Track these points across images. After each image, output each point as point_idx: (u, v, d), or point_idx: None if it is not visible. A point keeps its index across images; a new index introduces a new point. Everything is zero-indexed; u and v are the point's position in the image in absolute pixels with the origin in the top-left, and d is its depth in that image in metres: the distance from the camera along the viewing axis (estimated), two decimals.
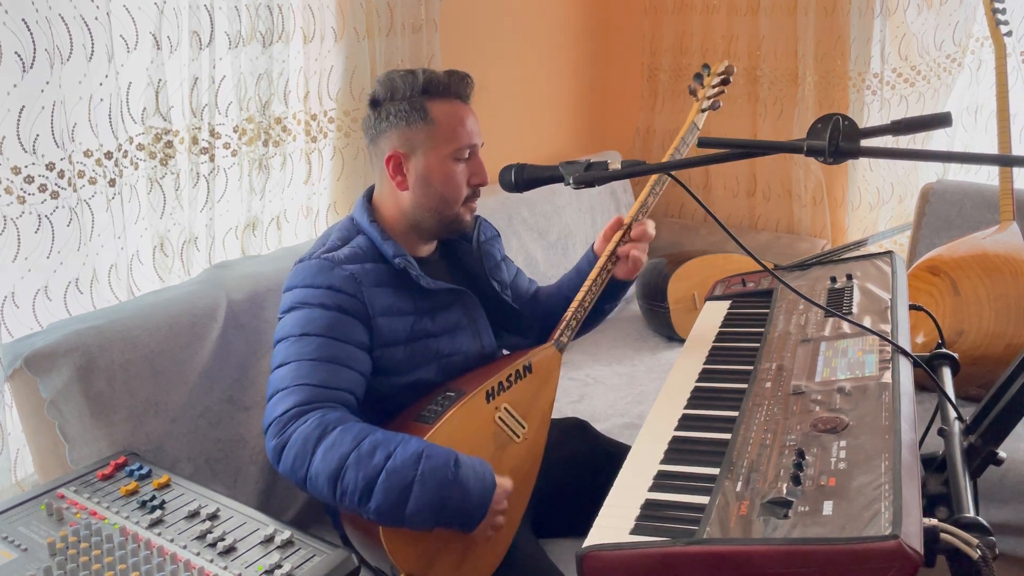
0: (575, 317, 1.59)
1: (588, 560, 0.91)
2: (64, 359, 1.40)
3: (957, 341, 2.06)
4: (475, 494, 1.26)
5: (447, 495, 1.23)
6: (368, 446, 1.25)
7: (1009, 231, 2.29)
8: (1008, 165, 1.75)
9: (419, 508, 1.22)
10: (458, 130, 1.46)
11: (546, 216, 2.67)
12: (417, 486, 1.22)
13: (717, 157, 1.15)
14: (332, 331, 1.38)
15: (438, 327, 1.50)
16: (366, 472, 1.23)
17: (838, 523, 0.86)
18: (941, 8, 2.71)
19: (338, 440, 1.26)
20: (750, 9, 2.97)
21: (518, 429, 1.45)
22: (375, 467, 1.23)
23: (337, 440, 1.26)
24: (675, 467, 1.09)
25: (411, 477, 1.22)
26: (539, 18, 2.91)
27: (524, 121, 2.94)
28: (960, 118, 2.81)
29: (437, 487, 1.23)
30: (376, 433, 1.28)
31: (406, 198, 1.49)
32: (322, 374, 1.34)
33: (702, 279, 2.60)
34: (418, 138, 1.45)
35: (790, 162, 3.02)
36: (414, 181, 1.47)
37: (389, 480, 1.22)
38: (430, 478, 1.23)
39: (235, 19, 1.81)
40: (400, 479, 1.22)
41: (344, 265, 1.42)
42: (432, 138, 1.45)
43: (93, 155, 1.59)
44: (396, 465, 1.23)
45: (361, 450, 1.25)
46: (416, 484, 1.22)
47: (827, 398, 1.14)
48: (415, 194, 1.48)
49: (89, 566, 1.12)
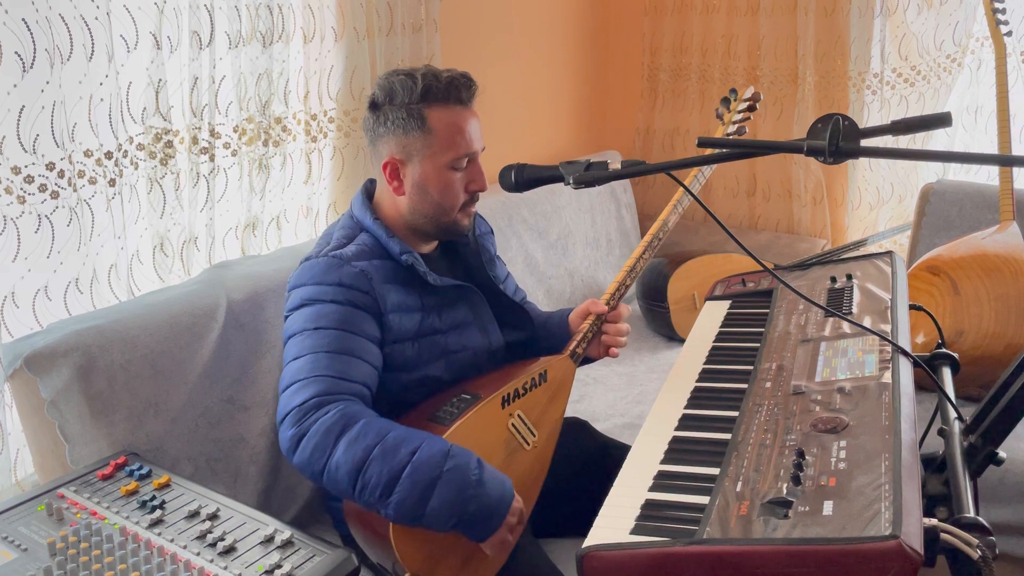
0: (591, 329, 1.60)
1: (588, 560, 0.91)
2: (64, 359, 1.40)
3: (957, 341, 2.06)
4: (495, 500, 1.26)
5: (470, 495, 1.24)
6: (393, 441, 1.25)
7: (1009, 231, 2.29)
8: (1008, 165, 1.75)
9: (440, 506, 1.22)
10: (456, 139, 1.45)
11: (546, 216, 2.67)
12: (441, 484, 1.22)
13: (717, 157, 1.16)
14: (346, 324, 1.38)
15: (445, 323, 1.51)
16: (391, 466, 1.23)
17: (838, 523, 0.86)
18: (941, 8, 2.71)
19: (361, 433, 1.26)
20: (750, 9, 2.97)
21: (529, 437, 1.45)
22: (400, 462, 1.23)
23: (360, 433, 1.26)
24: (675, 467, 1.09)
25: (436, 474, 1.23)
26: (539, 18, 2.91)
27: (524, 121, 2.94)
28: (960, 118, 2.81)
29: (460, 486, 1.23)
30: (399, 429, 1.28)
31: (403, 203, 1.49)
32: (339, 366, 1.34)
33: (702, 279, 2.60)
34: (415, 146, 1.45)
35: (790, 162, 3.02)
36: (410, 188, 1.47)
37: (414, 476, 1.22)
38: (455, 476, 1.23)
39: (235, 19, 1.81)
40: (425, 475, 1.23)
41: (353, 262, 1.42)
42: (429, 147, 1.45)
43: (93, 155, 1.59)
44: (422, 461, 1.23)
45: (386, 444, 1.25)
46: (440, 481, 1.23)
47: (827, 398, 1.14)
48: (411, 200, 1.48)
49: (89, 566, 1.12)
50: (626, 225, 3.06)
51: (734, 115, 1.87)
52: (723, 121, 1.89)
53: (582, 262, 2.81)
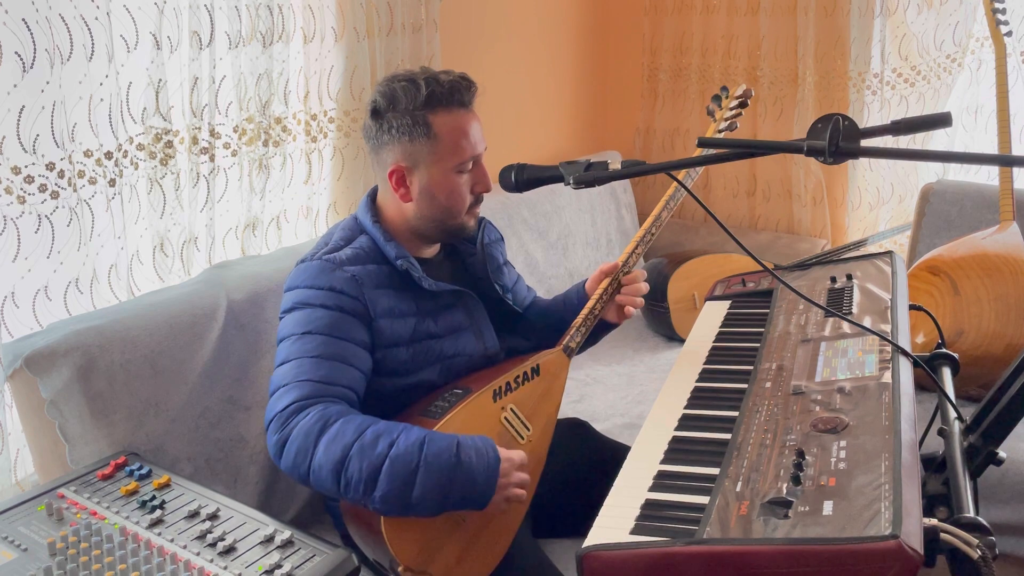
0: (584, 324, 1.59)
1: (588, 560, 0.91)
2: (64, 359, 1.40)
3: (957, 341, 2.06)
4: (480, 473, 1.27)
5: (452, 477, 1.24)
6: (371, 436, 1.26)
7: (1009, 231, 2.29)
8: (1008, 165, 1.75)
9: (424, 493, 1.23)
10: (461, 143, 1.45)
11: (546, 216, 2.67)
12: (421, 471, 1.23)
13: (717, 157, 1.16)
14: (334, 329, 1.38)
15: (440, 328, 1.51)
16: (370, 461, 1.24)
17: (838, 523, 0.86)
18: (941, 8, 2.71)
19: (340, 432, 1.26)
20: (750, 9, 2.97)
21: (523, 431, 1.45)
22: (379, 455, 1.24)
23: (339, 432, 1.26)
24: (675, 467, 1.09)
25: (415, 463, 1.23)
26: (539, 18, 2.91)
27: (524, 121, 2.94)
28: (960, 118, 2.81)
29: (441, 471, 1.24)
30: (378, 424, 1.29)
31: (410, 209, 1.49)
32: (324, 371, 1.34)
33: (702, 279, 2.60)
34: (421, 153, 1.44)
35: (790, 162, 3.02)
36: (418, 194, 1.47)
37: (393, 467, 1.23)
38: (433, 462, 1.24)
39: (235, 19, 1.81)
40: (404, 465, 1.23)
41: (346, 267, 1.42)
42: (435, 152, 1.44)
43: (93, 155, 1.59)
44: (399, 452, 1.24)
45: (364, 440, 1.25)
46: (420, 469, 1.23)
47: (827, 398, 1.14)
48: (419, 206, 1.48)
49: (89, 566, 1.12)
50: (626, 225, 3.06)
51: (725, 112, 1.86)
52: (714, 118, 1.88)
53: (582, 262, 2.81)
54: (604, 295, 1.61)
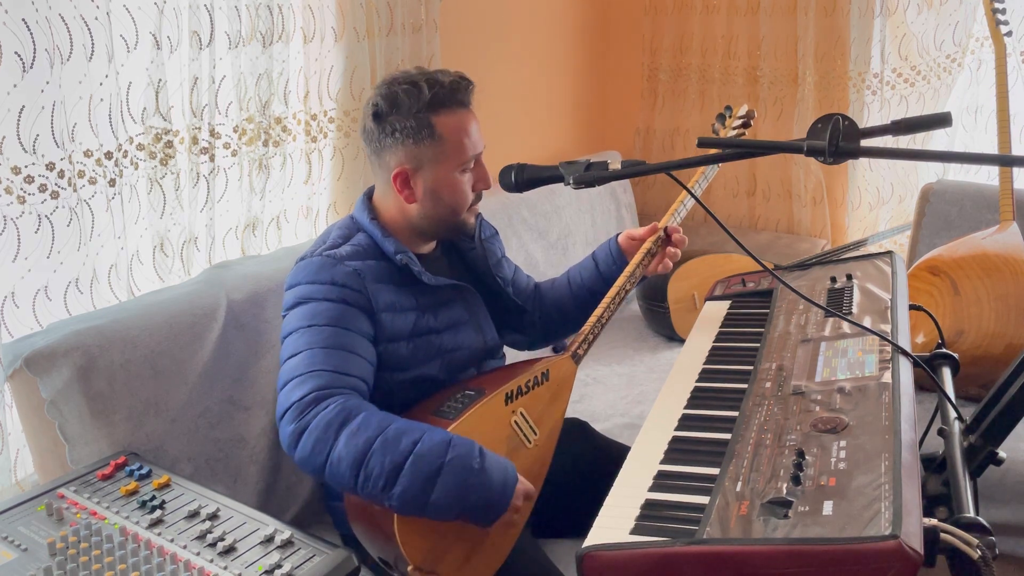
0: (593, 332, 1.60)
1: (588, 560, 0.91)
2: (64, 359, 1.40)
3: (957, 341, 2.06)
4: (497, 487, 1.27)
5: (473, 483, 1.24)
6: (394, 432, 1.26)
7: (1009, 231, 2.29)
8: (1008, 165, 1.75)
9: (444, 494, 1.23)
10: (464, 143, 1.47)
11: (546, 216, 2.67)
12: (444, 473, 1.23)
13: (717, 157, 1.16)
14: (340, 321, 1.39)
15: (440, 323, 1.51)
16: (393, 457, 1.23)
17: (838, 523, 0.86)
18: (941, 8, 2.71)
19: (362, 425, 1.26)
20: (750, 9, 2.97)
21: (530, 435, 1.46)
22: (402, 452, 1.24)
23: (361, 425, 1.26)
24: (675, 467, 1.09)
25: (439, 464, 1.23)
26: (539, 18, 2.91)
27: (524, 121, 2.94)
28: (960, 118, 2.81)
29: (463, 475, 1.24)
30: (400, 421, 1.29)
31: (414, 209, 1.50)
32: (335, 360, 1.34)
33: (702, 279, 2.60)
34: (426, 155, 1.45)
35: (790, 162, 3.02)
36: (422, 195, 1.48)
37: (416, 465, 1.23)
38: (457, 465, 1.24)
39: (235, 19, 1.81)
40: (428, 465, 1.23)
41: (347, 262, 1.43)
42: (440, 153, 1.45)
43: (93, 155, 1.59)
44: (424, 451, 1.24)
45: (387, 436, 1.25)
46: (444, 471, 1.23)
47: (827, 398, 1.14)
48: (423, 206, 1.49)
49: (89, 566, 1.12)
50: (626, 225, 3.05)
51: (729, 131, 1.89)
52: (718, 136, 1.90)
53: None
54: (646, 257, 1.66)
